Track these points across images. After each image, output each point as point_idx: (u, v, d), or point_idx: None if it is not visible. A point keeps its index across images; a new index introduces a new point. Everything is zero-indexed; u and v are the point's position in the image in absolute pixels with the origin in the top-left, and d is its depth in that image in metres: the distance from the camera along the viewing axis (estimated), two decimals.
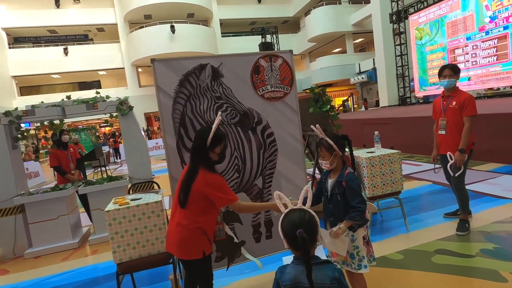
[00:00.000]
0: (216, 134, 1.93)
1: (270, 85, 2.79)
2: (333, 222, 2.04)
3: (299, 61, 27.58)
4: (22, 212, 4.04)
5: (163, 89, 2.51)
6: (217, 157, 1.98)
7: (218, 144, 1.96)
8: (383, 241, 3.21)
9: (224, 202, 1.90)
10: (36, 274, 3.47)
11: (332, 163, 2.01)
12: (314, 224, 1.29)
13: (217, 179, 1.90)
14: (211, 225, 1.97)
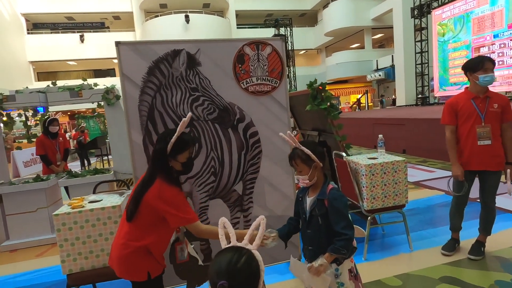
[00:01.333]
0: (180, 140, 1.58)
1: (256, 77, 2.42)
2: (312, 252, 1.65)
3: (314, 55, 26.89)
4: (1, 202, 3.84)
5: (129, 77, 2.18)
6: (180, 167, 1.63)
7: (182, 152, 1.60)
8: (382, 260, 2.82)
9: (178, 221, 1.57)
10: (5, 271, 3.26)
11: (311, 178, 1.61)
12: (248, 276, 0.90)
13: (173, 192, 1.57)
14: (160, 245, 1.64)
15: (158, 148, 1.59)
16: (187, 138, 1.65)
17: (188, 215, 1.57)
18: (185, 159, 1.63)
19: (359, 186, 2.81)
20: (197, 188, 2.37)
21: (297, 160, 1.61)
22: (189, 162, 1.66)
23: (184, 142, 1.61)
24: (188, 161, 1.65)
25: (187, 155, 1.63)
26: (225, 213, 2.46)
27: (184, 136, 1.62)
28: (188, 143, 1.62)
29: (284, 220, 2.58)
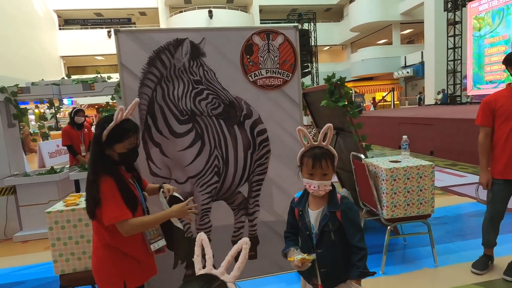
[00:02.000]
0: (119, 127, 1.39)
1: (266, 69, 2.21)
2: (326, 275, 1.41)
3: (339, 51, 26.15)
4: (14, 194, 3.88)
5: (128, 67, 2.04)
6: (117, 158, 1.42)
7: (120, 141, 1.40)
8: (402, 275, 2.54)
9: (107, 218, 1.33)
10: (15, 262, 3.27)
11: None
12: None
13: (104, 184, 1.35)
14: (132, 242, 1.44)
15: (96, 135, 1.41)
16: (128, 126, 1.42)
17: (114, 211, 1.32)
18: (124, 150, 1.42)
19: (379, 192, 2.54)
20: (198, 188, 2.21)
21: (328, 161, 1.34)
22: (130, 153, 1.44)
23: (122, 130, 1.39)
24: (129, 152, 1.43)
25: (128, 145, 1.42)
26: (229, 216, 2.28)
27: (124, 124, 1.41)
28: (127, 132, 1.41)
29: None
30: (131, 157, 1.47)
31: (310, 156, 1.34)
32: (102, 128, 1.39)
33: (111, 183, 1.35)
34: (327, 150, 1.36)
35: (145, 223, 1.42)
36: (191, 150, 2.15)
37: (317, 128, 4.08)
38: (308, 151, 1.37)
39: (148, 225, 1.45)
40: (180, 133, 2.13)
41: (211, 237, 2.26)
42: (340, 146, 3.62)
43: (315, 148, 1.36)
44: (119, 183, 1.38)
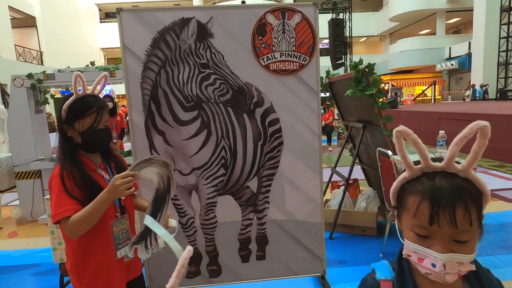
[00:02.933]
0: (80, 102, 1.19)
1: (280, 52, 1.98)
2: None
3: (377, 43, 24.89)
4: (40, 178, 4.00)
5: (131, 49, 1.91)
6: (78, 138, 1.20)
7: (80, 117, 1.19)
8: None
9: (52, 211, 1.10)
10: (36, 244, 3.35)
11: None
12: None
13: (55, 172, 1.15)
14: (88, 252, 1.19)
15: (58, 114, 1.23)
16: (92, 100, 1.21)
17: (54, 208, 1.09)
18: (85, 127, 1.19)
19: None
20: (204, 181, 2.05)
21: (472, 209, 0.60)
22: (92, 133, 1.20)
23: (84, 104, 1.19)
24: (91, 131, 1.20)
25: (88, 123, 1.19)
26: (236, 212, 2.11)
27: (88, 98, 1.21)
28: (89, 106, 1.19)
29: (306, 228, 2.17)
30: (94, 138, 1.22)
31: (427, 196, 0.61)
32: (62, 105, 1.21)
33: (57, 172, 1.14)
34: (468, 184, 0.61)
35: (83, 216, 1.09)
36: (196, 140, 2.00)
37: (343, 121, 3.78)
38: (420, 181, 0.64)
39: (85, 218, 1.09)
40: (184, 121, 1.97)
41: (216, 234, 2.11)
42: (368, 141, 3.30)
43: (436, 177, 0.63)
44: (71, 170, 1.14)
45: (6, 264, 2.97)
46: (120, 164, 1.34)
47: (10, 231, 3.80)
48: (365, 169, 3.74)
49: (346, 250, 2.85)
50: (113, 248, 1.23)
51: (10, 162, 3.99)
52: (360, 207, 3.20)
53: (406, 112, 9.62)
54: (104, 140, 1.26)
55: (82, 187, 1.14)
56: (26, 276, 2.74)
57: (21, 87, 3.84)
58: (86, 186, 1.14)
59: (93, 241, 1.19)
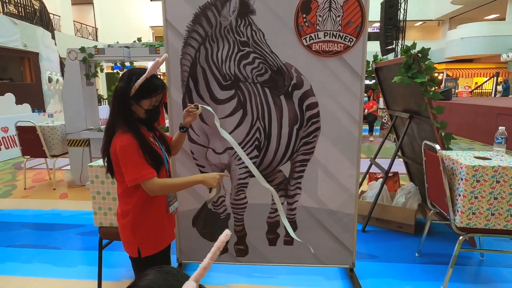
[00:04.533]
0: (149, 82, 1.31)
1: (324, 31, 1.86)
2: None
3: (434, 28, 22.89)
4: (89, 146, 4.30)
5: (173, 25, 1.91)
6: (143, 114, 1.35)
7: (149, 97, 1.33)
8: None
9: (131, 178, 1.27)
10: (84, 206, 3.64)
11: None
12: None
13: (127, 141, 1.27)
14: (153, 205, 1.38)
15: (120, 87, 1.31)
16: (159, 82, 1.35)
17: (139, 171, 1.26)
18: (150, 107, 1.35)
19: (453, 193, 2.05)
20: (236, 161, 2.05)
21: None
22: (154, 110, 1.37)
23: (153, 85, 1.32)
24: (154, 109, 1.37)
25: (154, 102, 1.35)
26: (267, 195, 2.09)
27: (154, 80, 1.33)
28: (157, 88, 1.33)
29: (338, 218, 2.09)
30: (155, 115, 1.40)
31: None
32: (129, 81, 1.30)
33: (132, 141, 1.27)
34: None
35: (174, 185, 1.39)
36: (232, 119, 1.98)
37: (388, 110, 3.55)
38: None
39: (177, 188, 1.41)
40: (221, 100, 1.96)
41: (245, 215, 2.12)
42: (414, 133, 3.07)
43: None
44: (142, 141, 1.29)
45: (57, 222, 3.27)
46: (161, 134, 1.51)
47: (61, 193, 4.17)
48: (408, 163, 3.51)
49: (379, 245, 2.73)
50: (167, 205, 1.45)
51: (64, 130, 4.32)
52: (398, 202, 3.03)
53: (460, 105, 8.83)
54: (159, 116, 1.43)
55: (150, 154, 1.30)
56: (72, 234, 3.00)
57: (75, 60, 4.09)
58: (152, 153, 1.32)
59: (152, 200, 1.37)
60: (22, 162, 4.78)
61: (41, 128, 4.15)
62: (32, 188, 4.38)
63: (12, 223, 3.26)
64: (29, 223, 3.26)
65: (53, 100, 9.10)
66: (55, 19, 12.91)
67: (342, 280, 2.24)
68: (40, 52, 8.82)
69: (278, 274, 2.29)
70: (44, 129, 4.18)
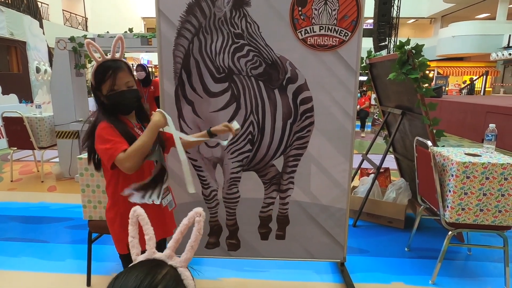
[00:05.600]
0: (99, 67, 1.26)
1: (319, 25, 1.85)
2: None
3: (426, 25, 23.10)
4: (78, 138, 4.22)
5: (166, 14, 1.87)
6: (106, 100, 1.28)
7: (102, 82, 1.26)
8: None
9: (105, 158, 1.21)
10: (73, 199, 3.57)
11: None
12: None
13: (103, 125, 1.23)
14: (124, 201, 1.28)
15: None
16: (108, 63, 1.27)
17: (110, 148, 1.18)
18: (108, 90, 1.26)
19: (443, 189, 2.08)
20: (229, 155, 2.03)
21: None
22: (115, 95, 1.26)
23: (102, 68, 1.25)
24: (113, 94, 1.26)
25: (109, 85, 1.25)
26: (259, 190, 2.08)
27: (107, 63, 1.27)
28: (107, 70, 1.25)
29: (330, 212, 2.10)
30: (119, 100, 1.27)
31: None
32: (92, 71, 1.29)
33: (106, 125, 1.23)
34: None
35: (137, 146, 1.20)
36: (225, 113, 1.96)
37: (380, 106, 3.57)
38: None
39: (141, 147, 1.20)
40: (214, 93, 1.93)
41: (238, 209, 2.11)
42: (405, 129, 3.10)
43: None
44: (116, 125, 1.25)
45: (45, 215, 3.21)
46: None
47: (49, 185, 4.09)
48: (399, 159, 3.55)
49: (369, 240, 2.76)
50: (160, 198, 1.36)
51: (52, 121, 4.22)
52: (389, 197, 3.06)
53: (450, 102, 8.95)
54: (129, 101, 1.31)
55: (127, 138, 1.24)
56: (60, 228, 2.95)
57: (64, 49, 3.98)
58: (130, 138, 1.24)
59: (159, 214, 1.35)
60: (8, 154, 4.66)
61: (29, 119, 4.04)
62: (19, 180, 4.29)
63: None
64: (16, 216, 3.19)
65: (41, 91, 8.89)
66: (43, 8, 12.56)
67: (333, 274, 2.26)
68: (27, 41, 8.57)
69: (270, 268, 2.30)
70: (32, 120, 4.08)
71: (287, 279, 2.20)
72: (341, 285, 2.13)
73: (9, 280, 2.18)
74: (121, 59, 1.31)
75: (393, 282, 2.19)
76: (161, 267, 0.57)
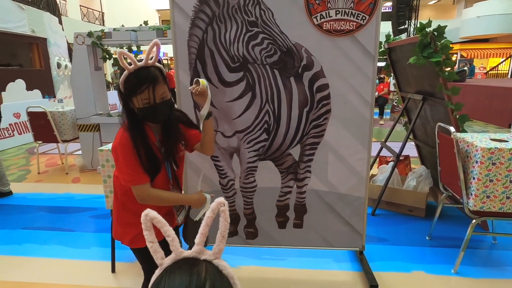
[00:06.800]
0: (132, 78, 1.16)
1: (335, 9, 1.79)
2: None
3: (448, 6, 22.03)
4: (99, 131, 4.34)
5: (180, 5, 1.86)
6: (137, 112, 1.21)
7: (134, 94, 1.17)
8: (481, 280, 2.06)
9: (122, 176, 1.24)
10: (96, 190, 3.70)
11: None
12: None
13: (122, 140, 1.20)
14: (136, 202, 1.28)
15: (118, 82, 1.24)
16: (143, 76, 1.15)
17: (130, 174, 1.20)
18: (141, 105, 1.17)
19: (467, 176, 2.01)
20: (245, 145, 2.03)
21: None
22: (149, 109, 1.18)
23: (135, 82, 1.15)
24: (148, 108, 1.18)
25: (144, 99, 1.16)
26: (276, 179, 2.08)
27: (140, 74, 1.16)
28: (140, 84, 1.15)
29: (348, 201, 2.08)
30: (152, 114, 1.20)
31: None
32: (121, 75, 1.21)
33: (128, 142, 1.19)
34: None
35: (162, 198, 1.28)
36: (240, 102, 1.95)
37: (400, 92, 3.46)
38: None
39: (164, 202, 1.31)
40: (229, 82, 1.93)
41: (255, 198, 2.12)
42: (427, 115, 3.00)
43: None
44: (138, 143, 1.19)
45: (70, 205, 3.35)
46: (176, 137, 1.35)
47: (73, 177, 4.25)
48: (420, 146, 3.45)
49: (389, 228, 2.72)
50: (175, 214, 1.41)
51: (74, 115, 4.35)
52: (409, 185, 2.99)
53: (474, 86, 8.57)
54: (163, 113, 1.23)
55: (146, 159, 1.21)
56: (85, 217, 3.07)
57: (82, 44, 4.07)
58: (149, 161, 1.22)
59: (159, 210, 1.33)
60: (34, 147, 4.86)
61: (52, 114, 4.19)
62: (45, 172, 4.48)
63: (27, 206, 3.34)
64: (43, 206, 3.34)
65: (63, 86, 9.16)
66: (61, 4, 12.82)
67: (352, 262, 2.25)
68: (48, 38, 8.81)
69: (288, 256, 2.32)
70: (55, 115, 4.23)
71: (306, 267, 2.21)
72: (360, 274, 2.13)
73: (39, 266, 2.30)
74: (154, 64, 1.20)
75: (414, 270, 2.16)
76: (198, 264, 0.55)
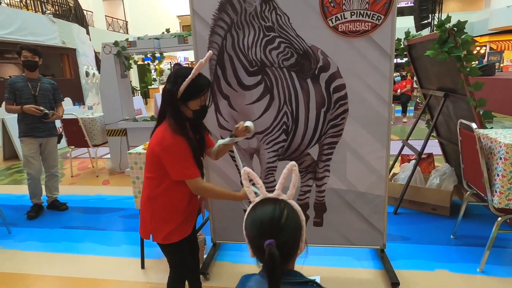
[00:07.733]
0: (194, 83, 1.34)
1: (351, 11, 1.83)
2: None
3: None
4: (126, 135, 4.55)
5: (200, 14, 1.96)
6: (191, 114, 1.40)
7: (195, 98, 1.37)
8: (508, 280, 2.01)
9: (176, 174, 1.38)
10: (124, 191, 3.89)
11: None
12: (294, 230, 0.81)
13: (175, 141, 1.35)
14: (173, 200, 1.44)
15: (168, 89, 1.36)
16: (204, 82, 1.38)
17: (187, 169, 1.38)
18: (198, 107, 1.39)
19: (491, 173, 1.97)
20: (265, 145, 2.10)
21: None
22: (202, 110, 1.42)
23: (198, 86, 1.35)
24: (201, 109, 1.41)
25: (200, 102, 1.39)
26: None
27: (200, 80, 1.36)
28: (202, 89, 1.37)
29: (367, 199, 2.10)
30: (203, 114, 1.46)
31: None
32: (175, 83, 1.34)
33: (181, 141, 1.35)
34: None
35: (214, 192, 1.51)
36: (259, 105, 2.03)
37: (421, 89, 3.40)
38: None
39: (216, 195, 1.53)
40: (248, 86, 2.00)
41: None
42: (449, 112, 2.94)
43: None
44: (191, 143, 1.39)
45: (102, 206, 3.55)
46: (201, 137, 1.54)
47: (103, 179, 4.48)
48: (443, 144, 3.38)
49: (411, 227, 2.70)
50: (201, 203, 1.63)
51: (102, 121, 4.60)
52: (432, 183, 2.95)
53: (505, 80, 8.19)
54: (205, 114, 1.49)
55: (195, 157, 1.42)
56: (115, 217, 3.25)
57: (109, 54, 4.29)
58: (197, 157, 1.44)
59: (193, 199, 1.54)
60: (68, 152, 5.16)
61: (83, 120, 4.45)
62: (78, 175, 4.76)
63: None
64: (77, 207, 3.56)
65: (91, 93, 9.64)
66: (88, 15, 13.47)
67: (373, 260, 2.26)
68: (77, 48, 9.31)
69: (309, 254, 2.35)
70: (85, 121, 4.48)
71: (326, 265, 2.24)
72: (382, 272, 2.13)
73: (75, 262, 2.47)
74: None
75: (437, 269, 2.14)
76: (279, 200, 0.85)
